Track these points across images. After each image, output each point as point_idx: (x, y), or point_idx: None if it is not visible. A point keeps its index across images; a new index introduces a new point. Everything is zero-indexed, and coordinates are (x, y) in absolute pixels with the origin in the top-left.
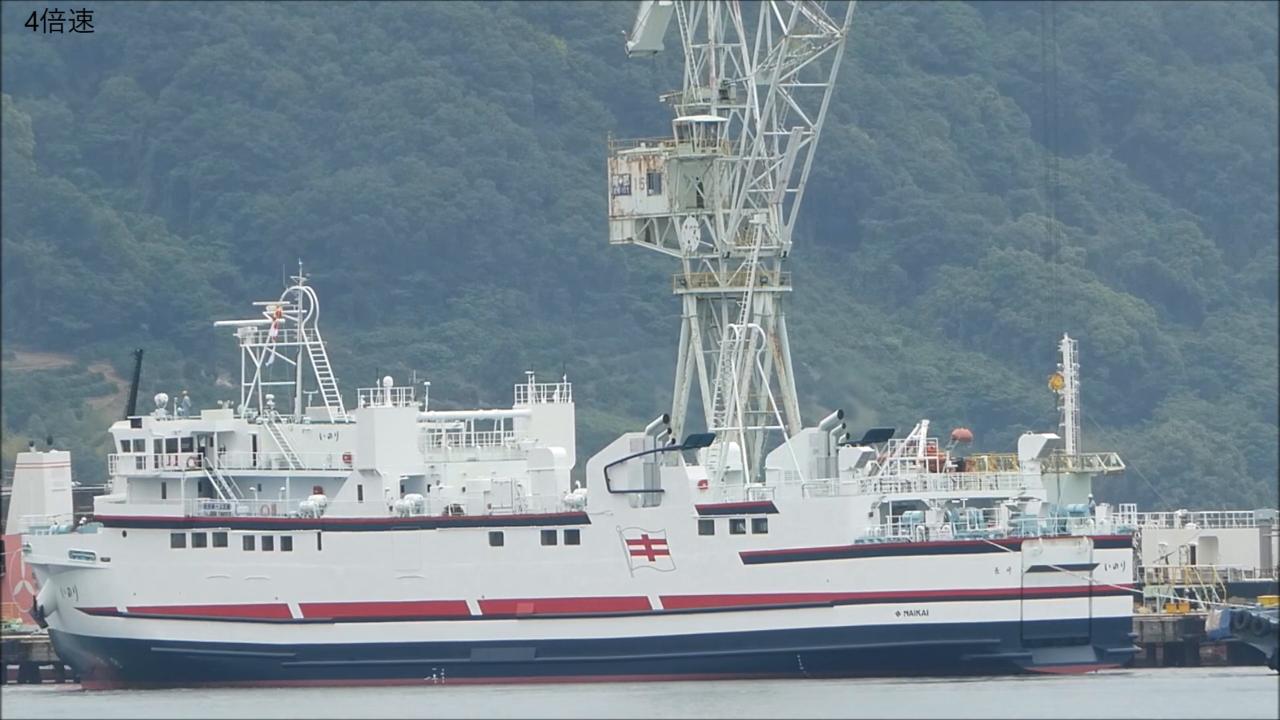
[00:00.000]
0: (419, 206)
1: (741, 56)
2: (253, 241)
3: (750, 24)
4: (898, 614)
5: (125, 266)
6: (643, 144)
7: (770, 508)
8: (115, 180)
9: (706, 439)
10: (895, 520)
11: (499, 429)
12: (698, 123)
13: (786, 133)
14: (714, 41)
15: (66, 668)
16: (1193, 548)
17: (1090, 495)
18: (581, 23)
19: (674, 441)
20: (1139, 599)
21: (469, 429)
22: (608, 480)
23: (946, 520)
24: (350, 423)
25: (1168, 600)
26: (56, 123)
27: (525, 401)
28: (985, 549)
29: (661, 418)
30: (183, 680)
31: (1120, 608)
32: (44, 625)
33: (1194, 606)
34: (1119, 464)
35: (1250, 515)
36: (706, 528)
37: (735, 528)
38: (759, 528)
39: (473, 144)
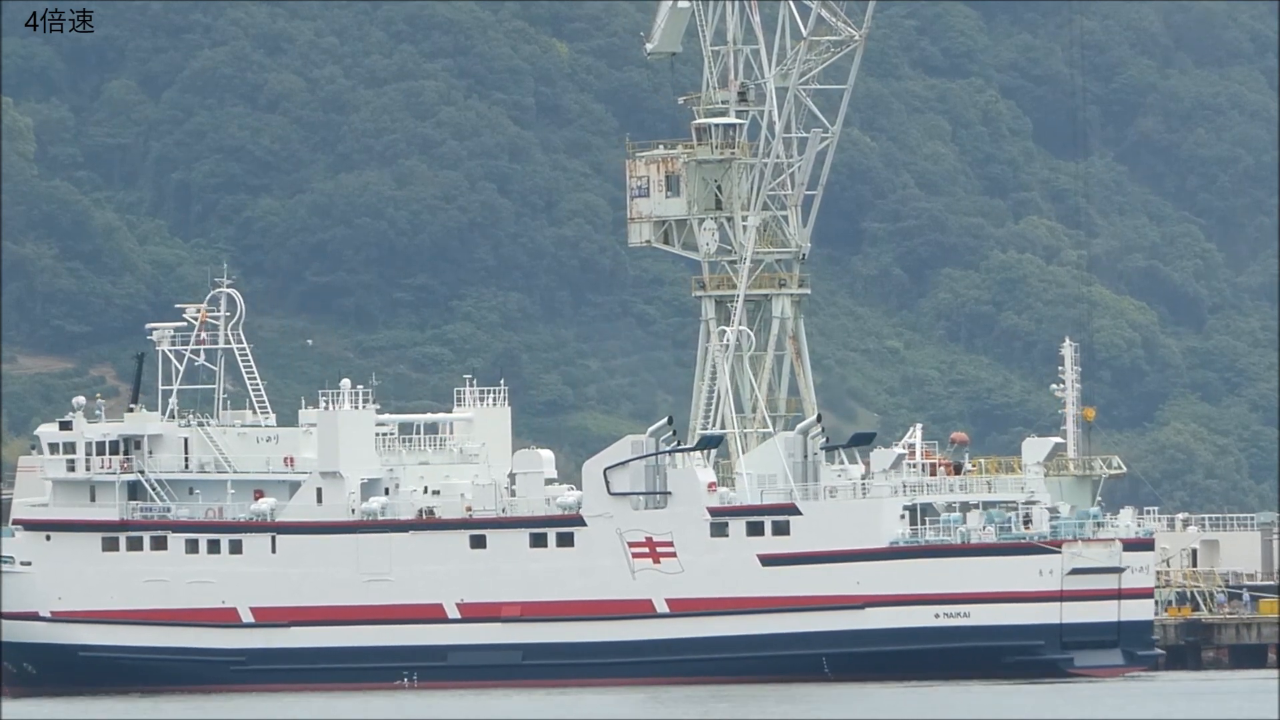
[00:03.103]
0: (420, 210)
1: (760, 59)
2: (254, 245)
3: (769, 26)
4: (936, 616)
5: (127, 269)
6: (661, 146)
7: (793, 510)
8: (117, 183)
9: (716, 440)
10: (928, 523)
11: (442, 432)
12: (716, 125)
13: (805, 135)
14: (732, 44)
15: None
16: (1194, 551)
17: (1100, 499)
18: (583, 26)
19: (679, 443)
20: None
21: (415, 432)
22: (607, 482)
23: (990, 522)
24: (288, 425)
25: (1169, 603)
26: (58, 126)
27: (464, 405)
28: (1027, 551)
29: (665, 419)
30: (114, 686)
31: (1144, 611)
32: None
33: (1197, 609)
34: (1120, 467)
35: (1252, 519)
36: (719, 530)
37: (753, 530)
38: (780, 530)
39: (474, 147)
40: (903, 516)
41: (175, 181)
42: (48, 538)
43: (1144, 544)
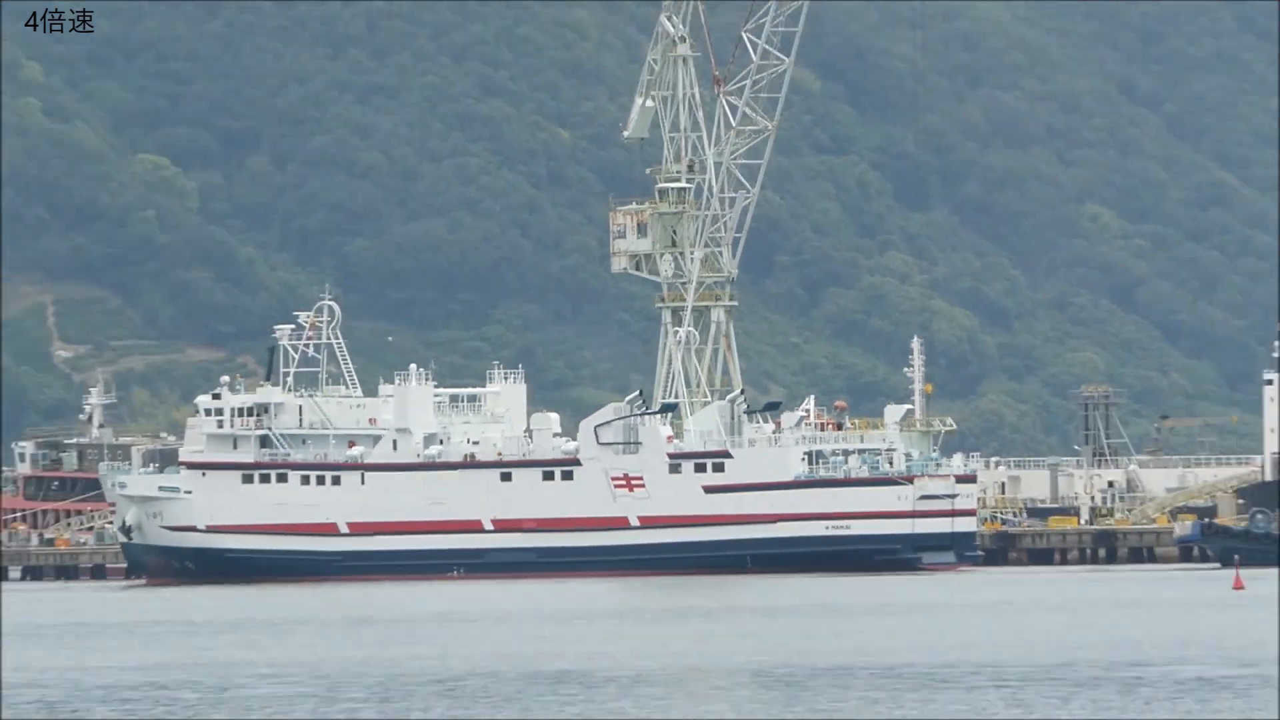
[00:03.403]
0: (467, 248)
1: (703, 142)
2: (352, 272)
3: (709, 119)
4: (827, 528)
5: (262, 288)
6: (634, 203)
7: (727, 454)
8: (256, 229)
9: (672, 406)
10: (821, 463)
11: (479, 401)
12: (672, 188)
13: (734, 195)
14: (684, 131)
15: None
16: (1002, 483)
17: (936, 448)
18: (580, 119)
19: (646, 408)
20: None
21: (461, 401)
22: (596, 435)
23: (864, 463)
24: (372, 396)
25: (986, 519)
26: (216, 189)
27: (494, 382)
28: (890, 483)
29: (637, 392)
30: (249, 577)
31: (970, 525)
32: (128, 539)
33: (1004, 524)
34: (952, 425)
35: (1043, 460)
36: (675, 468)
37: (698, 468)
38: (717, 468)
39: (505, 204)
40: (803, 459)
41: (296, 227)
42: (203, 474)
43: (969, 479)
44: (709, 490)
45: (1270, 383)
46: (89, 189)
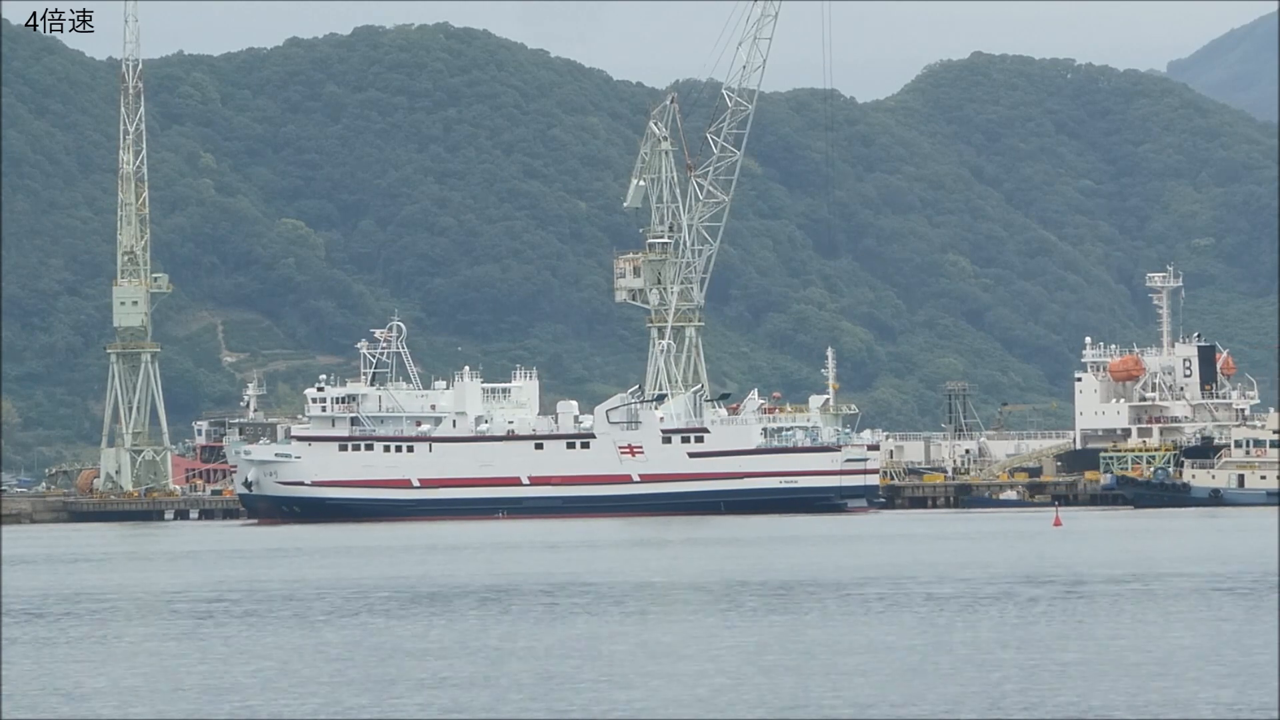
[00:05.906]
0: (514, 284)
1: (680, 209)
2: (433, 301)
3: (684, 194)
4: (780, 482)
5: (369, 313)
6: (631, 253)
7: (705, 430)
8: (364, 271)
9: (660, 397)
10: (773, 436)
11: (512, 393)
12: (658, 242)
13: (701, 247)
14: (666, 202)
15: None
16: (890, 451)
17: (848, 428)
18: (593, 194)
19: (642, 398)
20: None
21: (500, 393)
22: (607, 417)
23: (805, 436)
24: (431, 389)
25: (883, 475)
26: (335, 243)
27: (518, 379)
28: (823, 450)
29: (636, 386)
30: (343, 519)
31: (874, 480)
32: (248, 490)
33: (891, 478)
34: (856, 409)
35: (919, 435)
36: (667, 439)
37: (684, 439)
38: (699, 439)
39: (540, 253)
40: (761, 433)
41: (394, 270)
42: (310, 444)
43: (874, 447)
44: (692, 455)
45: (1079, 380)
46: (247, 243)
